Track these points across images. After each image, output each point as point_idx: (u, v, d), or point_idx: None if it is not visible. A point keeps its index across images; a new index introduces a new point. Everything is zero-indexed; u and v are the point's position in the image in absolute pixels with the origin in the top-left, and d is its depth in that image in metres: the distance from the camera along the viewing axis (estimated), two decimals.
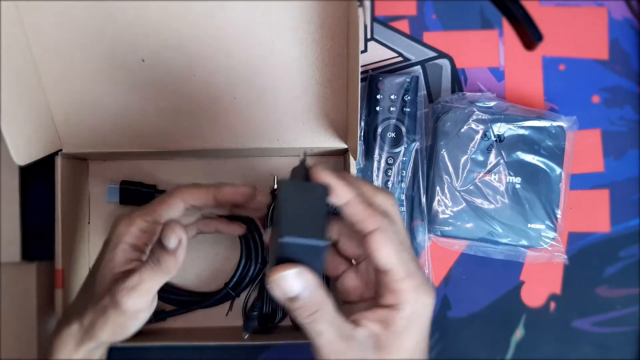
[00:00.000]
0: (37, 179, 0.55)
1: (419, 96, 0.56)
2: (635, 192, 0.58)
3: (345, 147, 0.52)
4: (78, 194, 0.55)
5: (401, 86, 0.55)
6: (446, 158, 0.54)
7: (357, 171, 0.54)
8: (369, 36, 0.58)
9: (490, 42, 0.58)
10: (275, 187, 0.55)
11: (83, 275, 0.55)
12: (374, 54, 0.58)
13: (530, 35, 0.42)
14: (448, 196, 0.54)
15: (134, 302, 0.39)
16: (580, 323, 0.57)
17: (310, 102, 0.51)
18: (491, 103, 0.55)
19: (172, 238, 0.39)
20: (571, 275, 0.57)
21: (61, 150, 0.51)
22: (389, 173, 0.55)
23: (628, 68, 0.58)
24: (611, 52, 0.58)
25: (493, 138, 0.54)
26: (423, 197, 0.55)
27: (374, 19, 0.58)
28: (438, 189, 0.54)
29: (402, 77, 0.55)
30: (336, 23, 0.48)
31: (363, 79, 0.56)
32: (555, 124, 0.54)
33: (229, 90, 0.50)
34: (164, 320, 0.54)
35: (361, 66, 0.56)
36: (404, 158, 0.55)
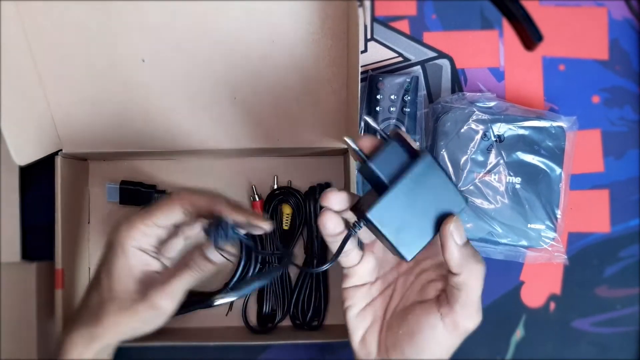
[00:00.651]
0: (37, 179, 0.55)
1: (419, 96, 0.56)
2: (635, 192, 0.58)
3: (345, 147, 0.52)
4: (78, 194, 0.55)
5: (401, 86, 0.55)
6: (446, 158, 0.54)
7: (357, 171, 0.54)
8: (369, 36, 0.58)
9: (490, 42, 0.58)
10: (275, 188, 0.55)
11: (83, 275, 0.55)
12: (374, 54, 0.58)
13: (530, 35, 0.42)
14: None
15: (171, 304, 0.41)
16: (580, 323, 0.57)
17: (310, 102, 0.51)
18: (491, 103, 0.55)
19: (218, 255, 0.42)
20: (571, 275, 0.57)
21: (61, 150, 0.51)
22: None
23: (628, 68, 0.58)
24: (611, 52, 0.58)
25: (493, 138, 0.54)
26: None
27: (374, 19, 0.58)
28: None
29: (402, 77, 0.55)
30: (336, 23, 0.48)
31: (363, 79, 0.56)
32: (555, 124, 0.54)
33: (229, 90, 0.50)
34: None
35: (361, 66, 0.56)
36: None
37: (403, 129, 0.54)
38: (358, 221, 0.37)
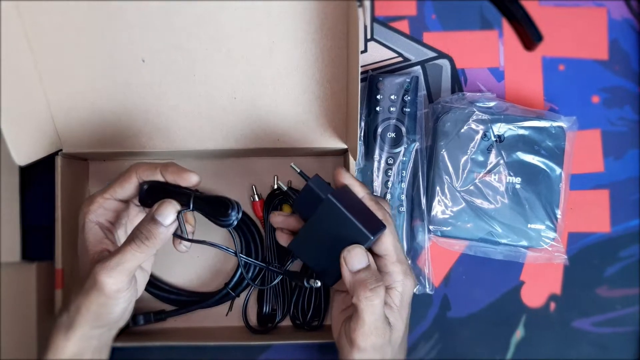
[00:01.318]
0: (37, 179, 0.55)
1: (419, 96, 0.56)
2: (635, 192, 0.58)
3: (345, 147, 0.52)
4: (78, 194, 0.55)
5: (401, 86, 0.55)
6: (446, 158, 0.54)
7: (357, 171, 0.54)
8: (369, 36, 0.58)
9: (490, 43, 0.58)
10: (275, 188, 0.55)
11: None
12: (374, 54, 0.58)
13: (530, 35, 0.42)
14: (448, 196, 0.54)
15: (115, 282, 0.40)
16: (580, 323, 0.57)
17: (310, 102, 0.51)
18: (491, 103, 0.55)
19: (170, 214, 0.41)
20: (571, 275, 0.57)
21: (61, 150, 0.51)
22: (389, 173, 0.55)
23: (628, 68, 0.58)
24: (611, 53, 0.58)
25: (493, 138, 0.54)
26: (423, 198, 0.55)
27: (374, 19, 0.58)
28: (438, 189, 0.54)
29: (402, 78, 0.55)
30: (336, 23, 0.48)
31: (363, 79, 0.56)
32: (555, 124, 0.54)
33: (229, 90, 0.50)
34: (164, 320, 0.54)
35: (361, 66, 0.56)
36: (404, 158, 0.55)
37: (403, 129, 0.54)
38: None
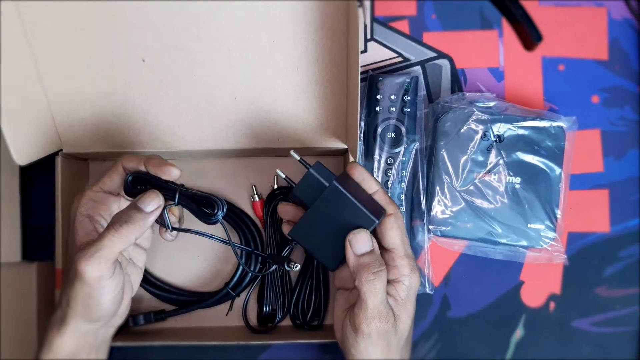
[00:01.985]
0: (38, 179, 0.55)
1: (419, 96, 0.56)
2: (634, 192, 0.58)
3: (345, 147, 0.52)
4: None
5: (401, 86, 0.55)
6: (446, 158, 0.54)
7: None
8: (369, 36, 0.58)
9: (490, 43, 0.58)
10: (275, 188, 0.55)
11: None
12: (374, 54, 0.58)
13: (529, 35, 0.42)
14: (448, 196, 0.54)
15: (94, 270, 0.39)
16: (579, 323, 0.57)
17: (310, 102, 0.51)
18: (491, 103, 0.55)
19: (153, 202, 0.42)
20: (571, 275, 0.57)
21: (61, 150, 0.51)
22: (389, 173, 0.55)
23: (628, 68, 0.58)
24: (611, 52, 0.58)
25: (493, 138, 0.54)
26: (423, 197, 0.55)
27: (374, 19, 0.58)
28: (438, 189, 0.54)
29: (402, 77, 0.55)
30: (336, 23, 0.48)
31: (363, 79, 0.56)
32: (554, 124, 0.54)
33: (229, 90, 0.50)
34: (164, 320, 0.54)
35: (361, 66, 0.56)
36: (404, 158, 0.55)
37: (403, 129, 0.54)
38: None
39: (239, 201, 0.56)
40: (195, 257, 0.56)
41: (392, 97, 0.55)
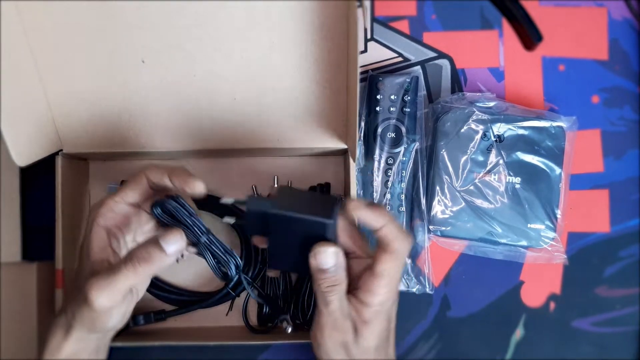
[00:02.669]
0: (38, 179, 0.55)
1: (419, 96, 0.56)
2: (634, 192, 0.58)
3: (345, 147, 0.52)
4: (78, 194, 0.55)
5: (401, 86, 0.55)
6: (446, 158, 0.54)
7: (357, 171, 0.54)
8: (369, 36, 0.58)
9: (490, 43, 0.58)
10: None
11: None
12: (374, 54, 0.58)
13: (530, 35, 0.42)
14: (448, 196, 0.54)
15: (105, 300, 0.39)
16: (579, 323, 0.57)
17: (310, 102, 0.51)
18: (491, 103, 0.55)
19: (176, 245, 0.40)
20: (571, 275, 0.57)
21: (61, 150, 0.51)
22: (389, 173, 0.55)
23: (628, 68, 0.58)
24: (611, 53, 0.58)
25: (493, 138, 0.54)
26: (423, 197, 0.55)
27: (374, 19, 0.58)
28: (438, 189, 0.54)
29: (402, 77, 0.55)
30: (336, 23, 0.48)
31: (363, 79, 0.56)
32: (555, 124, 0.54)
33: (229, 90, 0.50)
34: (164, 320, 0.54)
35: (361, 66, 0.56)
36: (404, 158, 0.55)
37: (403, 129, 0.54)
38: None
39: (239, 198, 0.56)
40: (195, 257, 0.55)
41: (392, 97, 0.55)
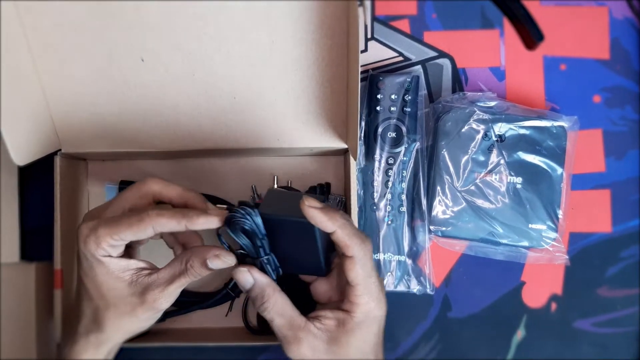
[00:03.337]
0: (37, 179, 0.55)
1: (420, 96, 0.55)
2: (636, 192, 0.58)
3: (345, 147, 0.52)
4: (77, 194, 0.55)
5: (402, 86, 0.55)
6: (447, 158, 0.54)
7: (358, 171, 0.54)
8: (370, 36, 0.58)
9: (491, 42, 0.58)
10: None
11: None
12: (375, 54, 0.58)
13: (531, 34, 0.41)
14: (449, 196, 0.54)
15: (169, 303, 0.43)
16: (581, 323, 0.57)
17: (310, 102, 0.51)
18: (492, 103, 0.55)
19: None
20: (572, 275, 0.57)
21: (60, 150, 0.51)
22: (390, 173, 0.55)
23: (629, 68, 0.58)
24: (612, 52, 0.58)
25: (494, 138, 0.54)
26: (424, 197, 0.55)
27: (374, 19, 0.58)
28: (439, 189, 0.54)
29: (403, 77, 0.55)
30: (336, 23, 0.47)
31: (363, 79, 0.56)
32: (556, 124, 0.54)
33: (229, 90, 0.50)
34: (164, 320, 0.54)
35: (361, 66, 0.56)
36: (405, 158, 0.55)
37: (404, 129, 0.54)
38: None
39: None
40: None
41: (393, 97, 0.55)
